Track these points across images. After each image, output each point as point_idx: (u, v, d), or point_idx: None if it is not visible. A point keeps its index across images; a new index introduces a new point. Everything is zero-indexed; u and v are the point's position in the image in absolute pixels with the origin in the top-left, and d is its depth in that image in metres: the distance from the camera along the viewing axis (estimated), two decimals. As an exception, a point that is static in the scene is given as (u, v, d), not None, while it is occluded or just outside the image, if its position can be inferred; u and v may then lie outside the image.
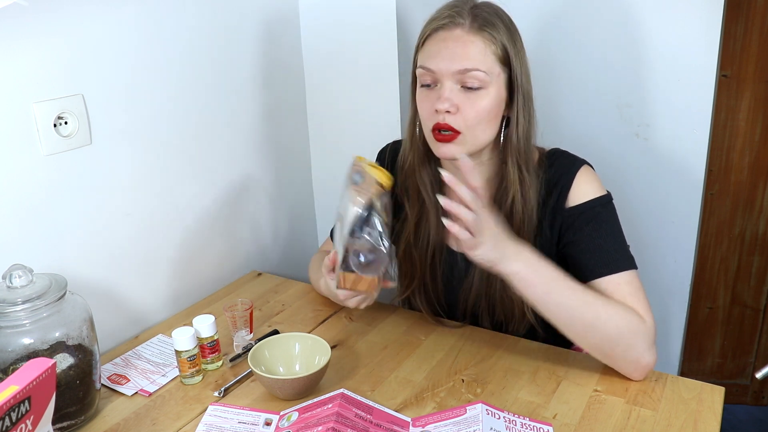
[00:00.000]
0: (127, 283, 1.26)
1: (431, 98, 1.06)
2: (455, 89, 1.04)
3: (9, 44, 1.00)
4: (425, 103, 1.07)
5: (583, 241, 1.08)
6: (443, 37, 1.05)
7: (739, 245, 1.96)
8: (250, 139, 1.51)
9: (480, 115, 1.05)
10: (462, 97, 1.04)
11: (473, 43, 1.03)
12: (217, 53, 1.37)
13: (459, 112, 1.04)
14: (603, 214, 1.09)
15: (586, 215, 1.09)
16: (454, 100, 1.04)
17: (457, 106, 1.04)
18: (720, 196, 1.92)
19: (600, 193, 1.10)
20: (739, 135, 1.85)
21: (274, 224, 1.63)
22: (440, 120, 1.05)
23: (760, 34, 1.73)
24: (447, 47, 1.04)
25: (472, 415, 0.94)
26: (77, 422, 0.98)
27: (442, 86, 1.05)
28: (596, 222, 1.08)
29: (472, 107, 1.04)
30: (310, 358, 1.07)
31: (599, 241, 1.07)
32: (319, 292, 1.36)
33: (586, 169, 1.12)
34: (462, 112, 1.04)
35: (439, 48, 1.05)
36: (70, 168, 1.12)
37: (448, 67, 1.03)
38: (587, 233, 1.08)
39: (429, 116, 1.07)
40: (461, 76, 1.03)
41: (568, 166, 1.12)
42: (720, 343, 2.09)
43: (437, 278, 1.21)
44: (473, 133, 1.06)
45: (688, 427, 0.95)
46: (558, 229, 1.11)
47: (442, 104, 1.03)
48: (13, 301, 0.92)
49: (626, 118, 1.65)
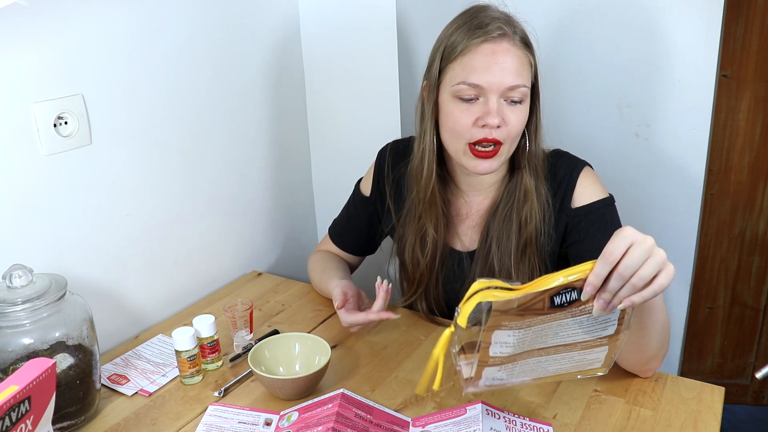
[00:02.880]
0: (127, 283, 1.26)
1: (473, 112, 1.04)
2: (502, 103, 1.04)
3: (9, 44, 1.00)
4: (465, 117, 1.04)
5: (589, 241, 1.09)
6: (491, 50, 1.02)
7: (739, 245, 1.96)
8: (250, 139, 1.51)
9: (520, 127, 1.06)
10: (506, 110, 1.04)
11: (520, 58, 1.04)
12: (218, 54, 1.37)
13: (504, 125, 1.04)
14: (607, 216, 1.10)
15: (592, 216, 1.09)
16: (503, 113, 1.04)
17: (504, 120, 1.04)
18: (720, 196, 1.92)
19: (603, 195, 1.11)
20: (739, 135, 1.85)
21: (274, 224, 1.63)
22: (486, 135, 1.04)
23: (760, 34, 1.73)
24: (497, 62, 1.02)
25: (472, 415, 0.94)
26: (77, 422, 0.98)
27: (487, 100, 1.03)
28: (601, 223, 1.09)
29: (516, 120, 1.05)
30: (310, 358, 1.07)
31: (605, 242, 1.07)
32: (320, 292, 1.36)
33: (587, 171, 1.13)
34: (507, 124, 1.04)
35: (488, 63, 1.02)
36: (70, 168, 1.12)
37: (500, 83, 1.02)
38: (593, 234, 1.08)
39: (468, 130, 1.05)
40: (510, 91, 1.03)
41: (571, 167, 1.13)
42: (720, 343, 2.08)
43: (439, 281, 1.21)
44: (511, 146, 1.08)
45: (688, 427, 0.95)
46: (563, 229, 1.12)
47: (494, 119, 1.02)
48: (13, 301, 0.92)
49: (626, 118, 1.65)
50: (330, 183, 1.71)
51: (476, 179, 1.16)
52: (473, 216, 1.19)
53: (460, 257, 1.19)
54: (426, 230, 1.17)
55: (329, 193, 1.72)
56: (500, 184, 1.17)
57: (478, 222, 1.18)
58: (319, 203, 1.76)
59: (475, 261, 1.16)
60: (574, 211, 1.11)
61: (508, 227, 1.12)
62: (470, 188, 1.18)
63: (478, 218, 1.18)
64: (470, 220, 1.19)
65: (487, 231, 1.15)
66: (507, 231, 1.12)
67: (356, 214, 1.33)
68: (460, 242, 1.20)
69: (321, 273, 1.32)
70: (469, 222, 1.19)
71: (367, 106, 1.56)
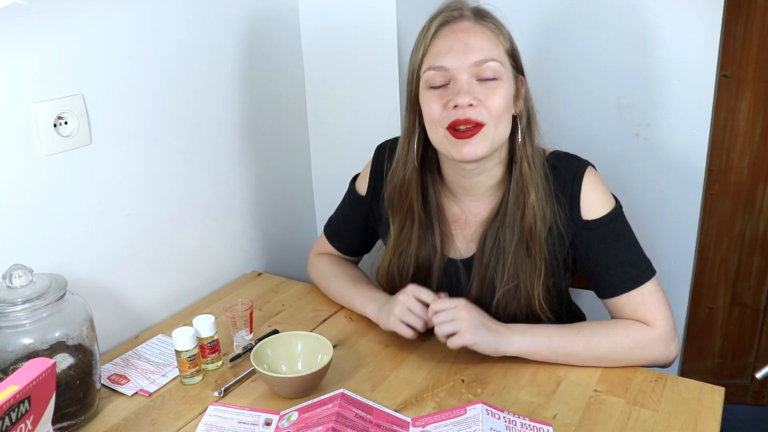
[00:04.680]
0: (127, 283, 1.26)
1: (445, 97, 1.02)
2: (473, 82, 1.01)
3: (9, 44, 1.00)
4: (436, 104, 1.03)
5: (603, 257, 1.08)
6: (452, 30, 1.03)
7: (739, 245, 1.96)
8: (250, 138, 1.51)
9: (500, 105, 1.02)
10: (480, 89, 1.01)
11: (483, 33, 1.02)
12: (218, 54, 1.37)
13: (480, 104, 1.01)
14: (618, 228, 1.09)
15: (603, 231, 1.08)
16: (474, 92, 1.01)
17: (478, 98, 1.01)
18: (720, 196, 1.92)
19: (611, 205, 1.09)
20: (739, 135, 1.85)
21: (274, 224, 1.63)
22: (460, 116, 1.00)
23: (760, 34, 1.73)
24: (458, 39, 1.01)
25: (472, 415, 0.94)
26: (77, 422, 0.98)
27: (457, 81, 1.01)
28: (614, 236, 1.08)
29: (492, 98, 1.01)
30: (312, 356, 1.07)
31: (620, 257, 1.08)
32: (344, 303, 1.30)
33: (591, 173, 1.10)
34: (484, 103, 1.01)
35: (450, 43, 1.02)
36: (70, 168, 1.12)
37: (463, 61, 1.00)
38: (606, 249, 1.08)
39: (443, 116, 1.02)
40: (477, 68, 1.01)
41: (573, 169, 1.10)
42: (720, 343, 2.09)
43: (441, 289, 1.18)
44: (497, 125, 1.02)
45: (688, 427, 0.95)
46: (572, 237, 1.10)
47: (463, 98, 0.99)
48: (13, 301, 0.92)
49: (626, 118, 1.65)
50: (330, 183, 1.71)
51: (470, 182, 1.12)
52: (471, 223, 1.16)
53: (456, 265, 1.17)
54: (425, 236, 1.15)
55: (329, 193, 1.72)
56: (497, 189, 1.13)
57: (476, 230, 1.15)
58: (319, 203, 1.76)
59: (474, 268, 1.14)
60: (584, 223, 1.08)
61: (509, 234, 1.09)
62: (466, 193, 1.14)
63: (476, 226, 1.15)
64: (468, 227, 1.16)
65: (484, 239, 1.12)
66: (507, 238, 1.10)
67: (352, 215, 1.30)
68: (455, 250, 1.17)
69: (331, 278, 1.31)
70: (466, 230, 1.16)
71: (367, 105, 1.56)
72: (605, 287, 1.10)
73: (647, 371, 1.07)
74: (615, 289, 1.09)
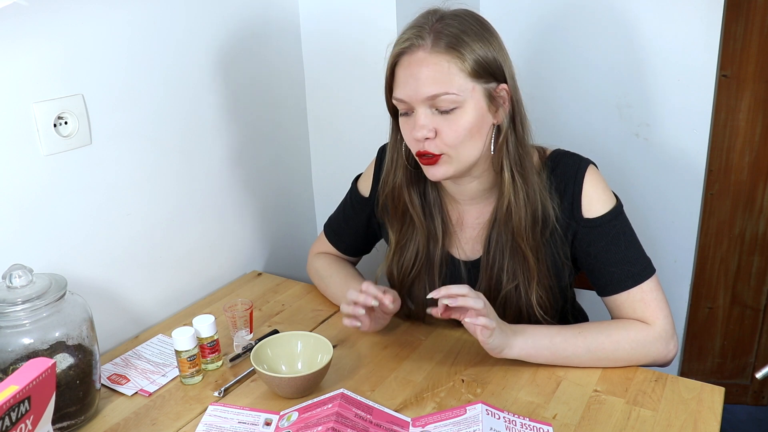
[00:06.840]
0: (127, 283, 1.26)
1: (410, 125, 1.04)
2: (430, 114, 1.01)
3: (9, 44, 1.00)
4: (406, 132, 1.06)
5: (604, 255, 1.09)
6: (407, 63, 1.02)
7: (739, 245, 1.97)
8: (250, 139, 1.51)
9: (460, 135, 1.01)
10: (439, 120, 1.01)
11: (437, 65, 0.99)
12: (217, 54, 1.37)
13: (438, 136, 1.02)
14: (619, 226, 1.09)
15: (604, 229, 1.09)
16: (430, 125, 1.01)
17: (435, 130, 1.01)
18: (720, 196, 1.92)
19: (611, 202, 1.10)
20: (739, 135, 1.85)
21: (273, 224, 1.63)
22: (420, 148, 1.03)
23: (760, 34, 1.73)
24: (412, 74, 1.00)
25: (472, 415, 0.94)
26: (77, 422, 0.98)
27: (416, 113, 1.02)
28: (615, 234, 1.09)
29: (450, 129, 1.01)
30: (312, 356, 1.07)
31: (621, 255, 1.09)
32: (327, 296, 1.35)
33: (592, 171, 1.10)
34: (441, 135, 1.01)
35: (405, 76, 1.02)
36: (70, 168, 1.12)
37: (416, 95, 1.00)
38: (606, 247, 1.09)
39: (412, 144, 1.06)
40: (432, 101, 1.00)
41: (575, 167, 1.10)
42: (720, 343, 2.09)
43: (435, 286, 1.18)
44: (457, 153, 1.03)
45: (688, 427, 0.95)
46: (572, 235, 1.11)
47: (419, 132, 1.01)
48: (13, 301, 0.92)
49: (626, 118, 1.65)
50: (330, 183, 1.71)
51: (458, 188, 1.14)
52: (475, 225, 1.17)
53: (458, 265, 1.18)
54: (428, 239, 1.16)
55: (329, 193, 1.72)
56: (495, 192, 1.13)
57: (480, 232, 1.16)
58: (318, 203, 1.76)
59: (481, 271, 1.15)
60: (585, 221, 1.09)
61: (504, 237, 1.10)
62: (463, 197, 1.15)
63: (480, 228, 1.16)
64: (472, 229, 1.17)
65: (488, 241, 1.13)
66: (503, 241, 1.11)
67: (354, 216, 1.30)
68: (460, 251, 1.18)
69: (329, 279, 1.32)
70: (471, 231, 1.17)
71: (367, 105, 1.56)
72: (605, 285, 1.10)
73: (647, 371, 1.07)
74: (615, 286, 1.09)
